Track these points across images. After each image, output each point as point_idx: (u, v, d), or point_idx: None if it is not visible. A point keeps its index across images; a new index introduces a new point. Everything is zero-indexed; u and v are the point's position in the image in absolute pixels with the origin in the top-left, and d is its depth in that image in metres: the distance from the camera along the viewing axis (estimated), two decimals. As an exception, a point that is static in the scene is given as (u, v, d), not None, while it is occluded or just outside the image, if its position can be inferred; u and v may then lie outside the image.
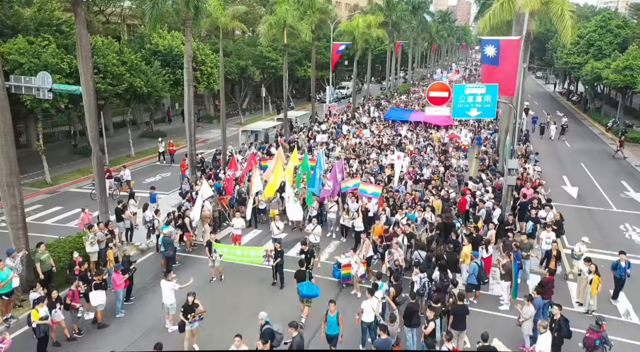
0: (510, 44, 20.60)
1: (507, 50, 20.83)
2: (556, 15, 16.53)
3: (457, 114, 18.08)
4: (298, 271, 14.64)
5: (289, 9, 31.30)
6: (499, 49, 20.99)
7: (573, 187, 28.31)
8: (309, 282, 14.16)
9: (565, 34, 16.29)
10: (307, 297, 14.05)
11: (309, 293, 13.99)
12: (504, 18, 17.55)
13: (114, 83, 30.24)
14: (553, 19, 16.98)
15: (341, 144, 31.86)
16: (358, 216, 18.73)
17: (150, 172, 31.25)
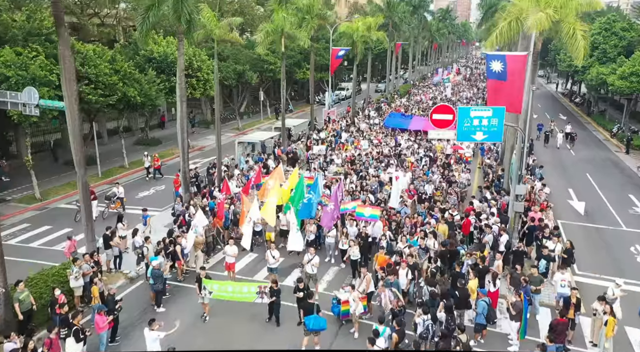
0: (517, 60, 19.66)
1: (514, 66, 19.94)
2: (568, 35, 15.58)
3: (462, 138, 17.18)
4: (305, 302, 14.04)
5: (287, 17, 30.27)
6: (506, 64, 20.14)
7: (580, 202, 27.37)
8: (316, 316, 13.58)
9: (578, 55, 15.36)
10: (315, 331, 13.51)
11: (316, 327, 13.46)
12: (512, 37, 16.60)
13: (106, 93, 29.28)
14: (564, 38, 16.03)
15: (339, 155, 30.88)
16: (354, 244, 17.72)
17: (144, 185, 30.31)
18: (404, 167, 27.94)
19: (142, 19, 19.98)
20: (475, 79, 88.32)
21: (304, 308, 14.26)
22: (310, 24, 34.71)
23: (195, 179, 26.87)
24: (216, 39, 24.83)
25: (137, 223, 21.77)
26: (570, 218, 25.16)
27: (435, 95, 61.60)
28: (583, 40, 15.46)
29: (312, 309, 13.78)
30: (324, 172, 27.34)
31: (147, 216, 20.55)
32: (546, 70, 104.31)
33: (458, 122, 16.95)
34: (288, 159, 32.15)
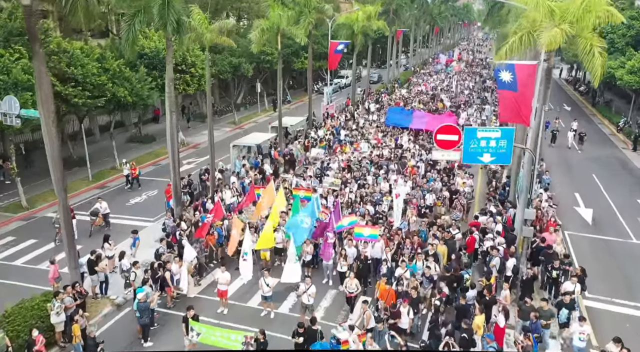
0: (527, 69, 18.50)
1: (524, 76, 18.76)
2: (584, 51, 14.39)
3: (468, 160, 16.11)
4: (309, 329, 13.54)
5: (283, 14, 28.86)
6: (515, 74, 18.99)
7: (587, 209, 26.37)
8: (321, 343, 13.17)
9: (595, 74, 14.19)
10: None
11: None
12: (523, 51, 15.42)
13: (94, 94, 28.09)
14: (580, 55, 14.84)
15: (337, 159, 29.72)
16: (352, 278, 16.57)
17: (136, 190, 29.23)
18: (405, 174, 26.85)
19: (127, 26, 18.69)
20: (477, 64, 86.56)
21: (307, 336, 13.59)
22: (308, 19, 33.22)
23: (189, 187, 25.79)
24: (207, 44, 23.50)
25: (127, 236, 20.92)
26: (577, 228, 24.18)
27: (437, 84, 60.07)
28: (601, 58, 14.27)
29: (315, 336, 13.40)
30: (321, 181, 26.22)
31: (137, 239, 19.52)
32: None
33: (464, 143, 15.90)
34: (285, 161, 31.05)
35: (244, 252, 16.86)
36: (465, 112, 42.74)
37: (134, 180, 29.45)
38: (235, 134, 43.91)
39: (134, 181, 29.50)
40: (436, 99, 48.88)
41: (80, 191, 28.73)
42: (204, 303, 17.57)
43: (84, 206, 26.46)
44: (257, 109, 53.36)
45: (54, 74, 26.12)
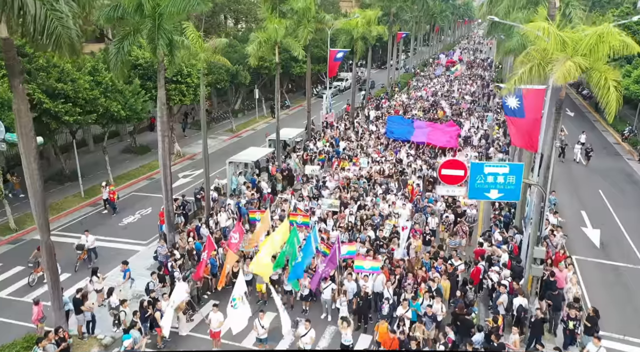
0: (535, 95, 17.76)
1: (531, 101, 18.06)
2: (598, 85, 13.51)
3: (474, 196, 15.25)
4: None
5: (280, 26, 27.92)
6: (522, 99, 18.24)
7: (594, 230, 25.66)
8: None
9: (610, 109, 13.32)
10: None
11: None
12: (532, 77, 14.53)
13: (86, 109, 27.20)
14: (593, 88, 13.95)
15: (334, 175, 28.81)
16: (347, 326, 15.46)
17: (129, 208, 28.35)
18: (405, 194, 26.00)
19: (116, 48, 17.79)
20: (477, 65, 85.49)
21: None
22: (307, 29, 32.31)
23: (182, 208, 24.92)
24: (201, 65, 22.60)
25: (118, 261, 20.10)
26: (585, 252, 23.34)
27: (437, 89, 59.05)
28: (616, 92, 13.39)
29: None
30: (317, 199, 25.34)
31: (128, 270, 18.66)
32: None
33: (470, 179, 15.04)
34: (283, 177, 30.18)
35: (233, 298, 15.59)
36: (468, 121, 41.81)
37: (112, 204, 27.40)
38: (233, 143, 43.12)
39: (113, 205, 27.40)
40: (437, 107, 47.91)
41: (72, 209, 27.84)
42: (195, 342, 16.76)
43: (75, 226, 25.67)
44: (255, 115, 52.40)
45: (43, 90, 25.28)
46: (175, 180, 33.02)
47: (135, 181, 32.57)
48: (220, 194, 28.35)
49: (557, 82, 13.22)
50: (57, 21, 11.84)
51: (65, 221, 26.31)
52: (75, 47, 12.49)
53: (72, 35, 12.23)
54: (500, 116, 46.31)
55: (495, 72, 78.25)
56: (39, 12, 11.67)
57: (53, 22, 11.78)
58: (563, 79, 13.18)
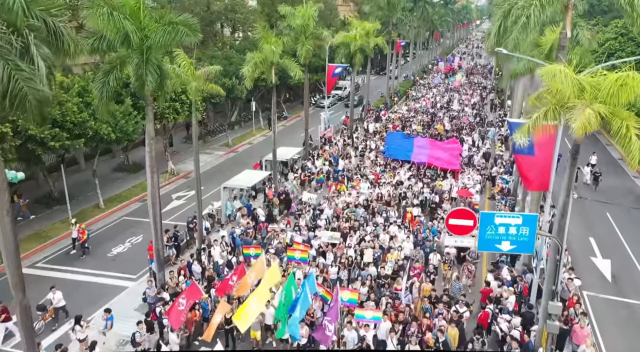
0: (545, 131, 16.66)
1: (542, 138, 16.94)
2: (619, 133, 12.45)
3: (484, 247, 14.22)
4: None
5: (277, 48, 26.84)
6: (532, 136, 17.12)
7: (605, 261, 24.63)
8: None
9: (632, 161, 12.28)
10: None
11: None
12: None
13: (74, 133, 26.10)
14: (613, 136, 12.89)
15: (332, 202, 27.71)
16: None
17: (119, 235, 27.22)
18: (405, 225, 24.92)
19: (100, 83, 16.69)
20: (477, 72, 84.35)
21: None
22: (305, 46, 31.26)
23: (175, 240, 23.82)
24: (194, 95, 21.52)
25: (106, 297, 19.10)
26: (596, 287, 22.26)
27: (437, 100, 57.89)
28: (639, 142, 12.35)
29: None
30: (314, 230, 24.24)
31: (111, 318, 17.54)
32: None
33: (480, 229, 14.01)
34: (280, 201, 29.09)
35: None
36: (470, 138, 40.74)
37: (82, 245, 24.72)
38: (229, 159, 42.06)
39: (82, 247, 24.71)
40: (436, 120, 46.84)
41: (59, 237, 26.68)
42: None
43: (61, 258, 24.60)
44: (252, 127, 51.24)
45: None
46: (169, 202, 32.01)
47: (126, 204, 31.44)
48: (215, 221, 27.29)
49: (576, 134, 12.14)
50: (23, 82, 10.69)
51: (52, 251, 25.17)
52: (43, 112, 11.34)
53: (41, 97, 11.09)
54: (502, 129, 45.31)
55: (495, 79, 77.25)
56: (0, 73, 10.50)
57: (18, 83, 10.62)
58: (583, 130, 12.12)
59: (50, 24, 12.40)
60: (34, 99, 10.81)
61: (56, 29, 12.57)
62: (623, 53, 46.66)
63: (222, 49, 55.47)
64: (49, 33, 12.40)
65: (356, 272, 20.77)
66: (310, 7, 32.16)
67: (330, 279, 20.56)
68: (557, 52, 18.52)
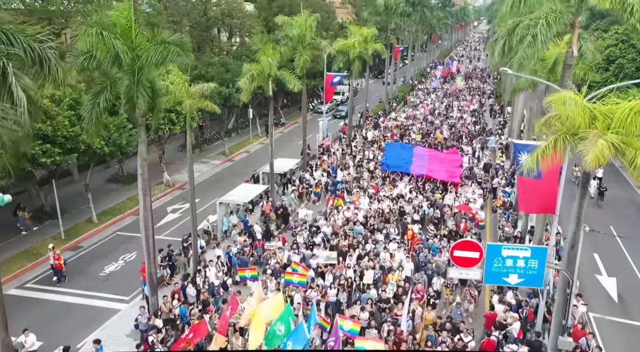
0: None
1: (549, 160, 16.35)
2: (632, 164, 11.87)
3: (491, 280, 13.64)
4: None
5: (273, 60, 26.20)
6: (538, 157, 16.53)
7: (610, 279, 24.05)
8: None
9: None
10: None
11: None
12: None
13: (66, 147, 25.42)
14: (627, 167, 12.32)
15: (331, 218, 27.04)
16: None
17: (112, 252, 26.53)
18: (406, 242, 24.31)
19: (90, 105, 16.05)
20: (476, 76, 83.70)
21: None
22: (303, 57, 30.65)
23: (168, 259, 23.16)
24: (188, 113, 20.88)
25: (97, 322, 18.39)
26: (602, 309, 21.64)
27: (435, 106, 57.21)
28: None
29: None
30: (312, 248, 23.59)
31: (100, 349, 16.86)
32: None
33: (486, 262, 13.43)
34: (277, 215, 28.45)
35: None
36: (470, 148, 40.12)
37: (58, 273, 23.22)
38: (226, 168, 41.44)
39: (59, 274, 23.23)
40: (435, 128, 46.23)
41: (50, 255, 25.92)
42: None
43: (50, 278, 23.71)
44: (249, 134, 50.58)
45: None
46: (164, 215, 31.39)
47: (120, 218, 30.75)
48: (211, 238, 26.65)
49: (588, 167, 11.54)
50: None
51: (42, 269, 24.42)
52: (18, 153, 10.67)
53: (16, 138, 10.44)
54: (503, 138, 44.71)
55: (494, 84, 76.72)
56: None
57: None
58: (596, 162, 11.53)
59: (37, 51, 11.71)
60: (8, 140, 10.17)
61: (42, 55, 11.90)
62: (624, 60, 46.24)
63: (219, 54, 54.86)
64: (35, 60, 11.72)
65: (356, 295, 20.16)
66: (308, 16, 31.52)
67: (329, 301, 19.95)
68: (563, 71, 17.90)
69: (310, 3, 73.38)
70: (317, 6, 77.09)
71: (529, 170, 12.85)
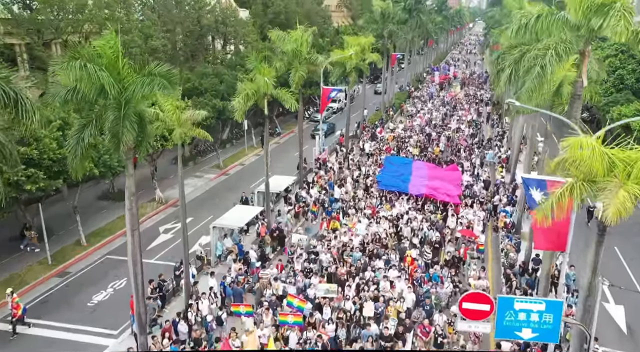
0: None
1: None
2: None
3: (502, 334, 12.77)
4: None
5: (269, 80, 25.28)
6: (548, 193, 15.76)
7: (618, 307, 23.25)
8: None
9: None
10: None
11: None
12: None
13: (53, 170, 24.38)
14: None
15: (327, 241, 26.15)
16: None
17: (101, 279, 25.44)
18: (404, 269, 23.43)
19: (74, 140, 15.09)
20: (472, 82, 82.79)
21: None
22: (299, 72, 29.75)
23: (160, 290, 22.19)
24: (179, 141, 19.92)
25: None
26: (612, 342, 20.63)
27: (433, 115, 56.21)
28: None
29: None
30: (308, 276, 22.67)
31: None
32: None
33: (498, 315, 12.57)
34: (273, 238, 27.54)
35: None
36: (468, 162, 39.26)
37: (18, 322, 20.68)
38: (220, 183, 40.49)
39: (14, 324, 20.64)
40: (432, 141, 45.41)
41: (36, 282, 24.90)
42: None
43: (36, 308, 22.63)
44: (244, 145, 49.52)
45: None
46: (156, 236, 30.49)
47: (110, 239, 29.70)
48: (204, 263, 25.70)
49: (610, 222, 10.70)
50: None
51: (27, 299, 23.24)
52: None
53: None
54: (501, 150, 43.89)
55: (491, 90, 75.90)
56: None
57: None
58: (618, 215, 10.68)
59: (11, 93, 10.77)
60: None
61: (17, 97, 10.95)
62: (624, 71, 45.59)
63: (214, 62, 53.84)
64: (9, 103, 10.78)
65: (356, 331, 19.25)
66: (303, 32, 30.63)
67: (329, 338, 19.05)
68: (571, 103, 17.04)
69: (305, 9, 72.74)
70: (313, 12, 76.39)
71: (543, 218, 11.93)
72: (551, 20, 16.01)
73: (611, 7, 14.02)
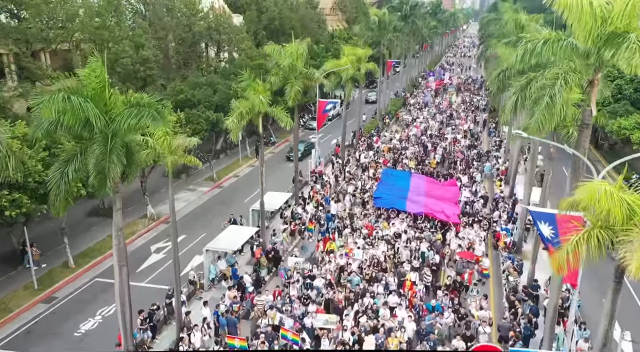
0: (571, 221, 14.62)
1: (567, 229, 14.93)
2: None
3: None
4: None
5: (264, 99, 24.50)
6: (556, 226, 15.12)
7: (625, 333, 22.47)
8: None
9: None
10: None
11: None
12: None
13: (39, 193, 23.42)
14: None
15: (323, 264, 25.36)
16: None
17: (90, 304, 24.52)
18: (403, 294, 22.71)
19: (59, 173, 14.23)
20: (468, 88, 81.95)
21: None
22: (295, 87, 29.00)
23: (150, 320, 21.32)
24: (170, 169, 19.05)
25: None
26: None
27: (429, 124, 55.37)
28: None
29: None
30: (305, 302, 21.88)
31: None
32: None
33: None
34: (269, 259, 26.73)
35: None
36: (465, 176, 38.54)
37: None
38: (214, 197, 39.60)
39: None
40: (428, 153, 44.72)
41: (21, 309, 23.91)
42: None
43: (20, 339, 21.78)
44: (238, 156, 48.59)
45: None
46: (147, 256, 29.63)
47: (100, 260, 28.75)
48: (196, 288, 24.85)
49: (634, 277, 9.99)
50: None
51: (10, 329, 22.32)
52: None
53: None
54: (499, 161, 43.22)
55: (487, 96, 75.19)
56: None
57: None
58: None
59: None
60: None
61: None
62: (622, 80, 45.07)
63: (207, 70, 52.89)
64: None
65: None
66: (298, 45, 29.84)
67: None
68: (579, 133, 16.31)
69: (300, 15, 71.80)
70: (307, 17, 75.45)
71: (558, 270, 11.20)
72: (558, 46, 15.29)
73: (625, 38, 13.30)
